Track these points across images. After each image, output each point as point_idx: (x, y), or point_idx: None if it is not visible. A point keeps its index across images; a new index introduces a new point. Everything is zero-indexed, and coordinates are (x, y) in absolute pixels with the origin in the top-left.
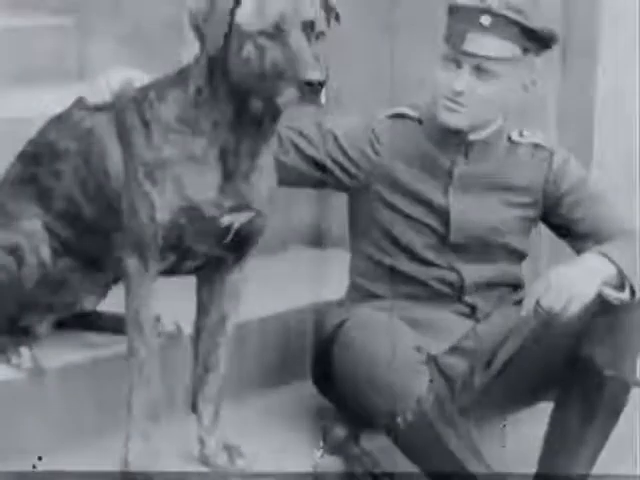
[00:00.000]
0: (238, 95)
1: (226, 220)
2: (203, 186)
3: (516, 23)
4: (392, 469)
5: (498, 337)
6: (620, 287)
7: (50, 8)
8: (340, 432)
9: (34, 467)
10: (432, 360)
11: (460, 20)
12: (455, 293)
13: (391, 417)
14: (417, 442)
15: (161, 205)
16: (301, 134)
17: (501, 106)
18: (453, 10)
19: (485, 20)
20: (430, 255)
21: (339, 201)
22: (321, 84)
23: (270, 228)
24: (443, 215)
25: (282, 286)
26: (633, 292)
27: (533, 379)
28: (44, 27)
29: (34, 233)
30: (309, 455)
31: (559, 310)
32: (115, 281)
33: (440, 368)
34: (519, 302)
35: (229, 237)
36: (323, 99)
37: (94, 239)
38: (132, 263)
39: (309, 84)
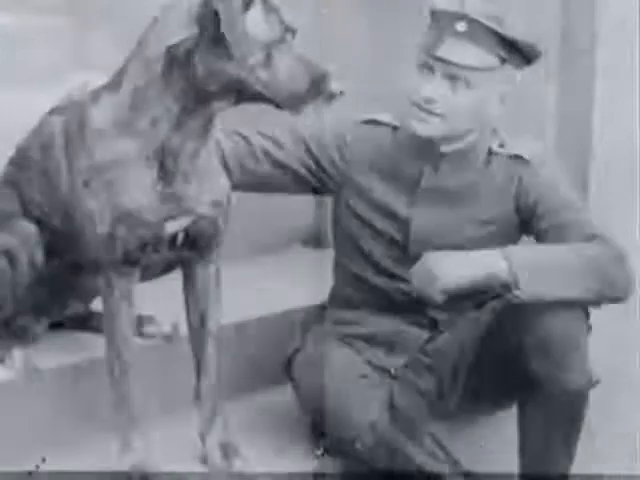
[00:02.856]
0: (201, 95)
1: (170, 227)
2: (138, 191)
3: (493, 32)
4: (391, 469)
5: (455, 350)
6: (515, 287)
7: (50, 8)
8: None
9: (37, 467)
10: (401, 375)
11: (436, 25)
12: (417, 305)
13: (350, 444)
14: (381, 462)
15: (99, 216)
16: (273, 140)
17: (476, 118)
18: (432, 15)
19: (461, 27)
20: (391, 266)
21: None
22: (340, 94)
23: (270, 228)
24: (405, 226)
25: (282, 286)
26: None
27: (494, 390)
28: (44, 27)
29: (28, 236)
30: (309, 455)
31: (426, 292)
32: None
33: (411, 383)
34: (479, 305)
35: (178, 242)
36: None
37: (69, 248)
38: (100, 280)
39: (333, 95)
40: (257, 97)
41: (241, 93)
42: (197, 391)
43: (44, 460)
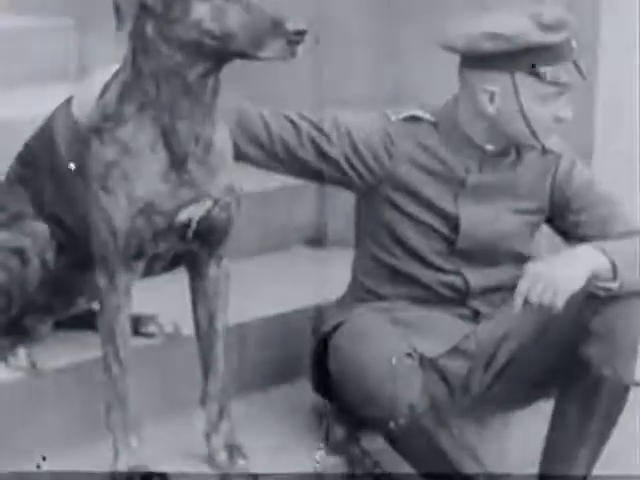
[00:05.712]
0: (171, 69)
1: (183, 215)
2: (153, 180)
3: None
4: (392, 469)
5: (497, 338)
6: (612, 281)
7: (50, 8)
8: (341, 432)
9: (38, 467)
10: (430, 362)
11: (555, 54)
12: (460, 297)
13: (385, 423)
14: (412, 446)
15: (117, 214)
16: (320, 130)
17: None
18: (542, 48)
19: (574, 44)
20: (437, 259)
21: (340, 201)
22: (304, 32)
23: (271, 228)
24: (452, 221)
25: (282, 286)
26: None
27: (532, 379)
28: (44, 27)
29: (40, 235)
30: (310, 455)
31: (548, 302)
32: None
33: (439, 370)
34: None
35: (190, 232)
36: (301, 51)
37: (79, 242)
38: (101, 277)
39: (298, 33)
40: (221, 53)
41: (204, 53)
42: (204, 393)
43: (44, 459)
